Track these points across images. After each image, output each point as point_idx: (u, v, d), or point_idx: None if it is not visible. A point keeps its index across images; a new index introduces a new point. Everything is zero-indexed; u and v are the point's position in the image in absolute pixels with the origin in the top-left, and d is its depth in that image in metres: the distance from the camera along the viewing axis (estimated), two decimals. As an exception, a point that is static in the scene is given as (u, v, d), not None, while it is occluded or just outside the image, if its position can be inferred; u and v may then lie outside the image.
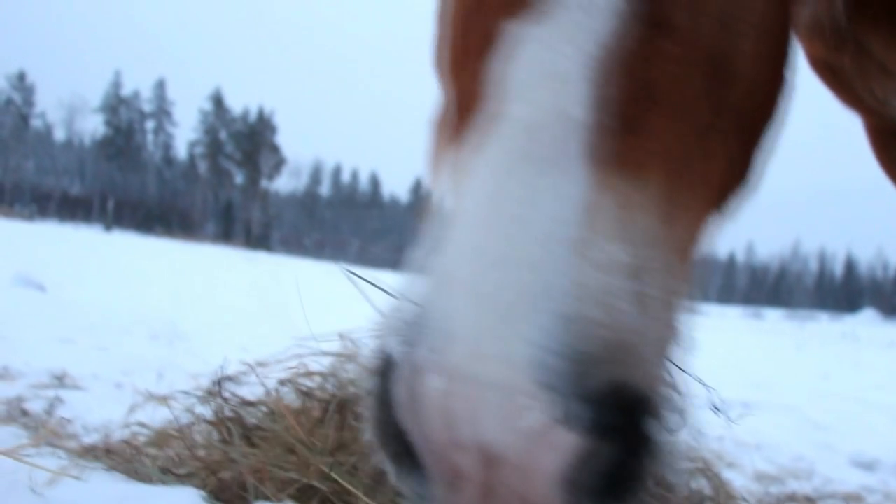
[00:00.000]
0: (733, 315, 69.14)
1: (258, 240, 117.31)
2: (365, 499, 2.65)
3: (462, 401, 0.80)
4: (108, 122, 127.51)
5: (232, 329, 9.23)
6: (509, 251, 0.84)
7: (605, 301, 0.82)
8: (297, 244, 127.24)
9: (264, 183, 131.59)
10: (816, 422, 7.90)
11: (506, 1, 1.02)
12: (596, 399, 0.79)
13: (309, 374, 3.22)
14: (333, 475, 2.64)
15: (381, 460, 0.95)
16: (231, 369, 3.42)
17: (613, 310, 0.83)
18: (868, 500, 4.75)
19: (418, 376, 0.83)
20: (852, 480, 5.37)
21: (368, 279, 3.49)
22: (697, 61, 1.02)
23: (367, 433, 0.95)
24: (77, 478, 2.37)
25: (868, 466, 5.93)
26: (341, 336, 3.60)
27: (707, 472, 3.19)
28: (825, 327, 55.20)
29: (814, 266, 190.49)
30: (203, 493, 2.04)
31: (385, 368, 0.89)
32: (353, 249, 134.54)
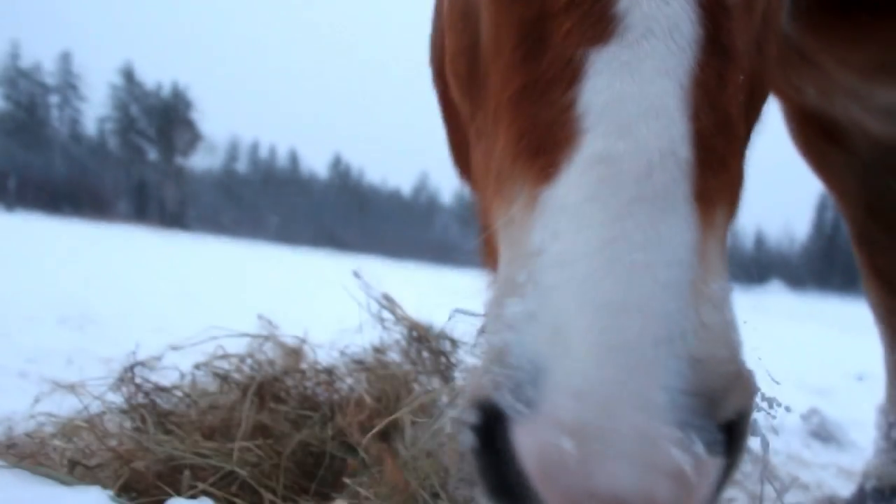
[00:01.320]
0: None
1: (174, 219, 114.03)
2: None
3: (602, 455, 0.79)
4: (6, 96, 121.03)
5: (147, 312, 8.93)
6: (632, 298, 0.82)
7: (723, 337, 0.85)
8: (214, 223, 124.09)
9: (179, 160, 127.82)
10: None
11: (586, 27, 0.99)
12: (725, 428, 0.84)
13: (225, 357, 3.13)
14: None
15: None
16: (144, 353, 3.29)
17: (730, 344, 0.86)
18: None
19: (549, 433, 0.81)
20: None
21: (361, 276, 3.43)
22: (747, 85, 1.04)
23: (475, 484, 0.95)
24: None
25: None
26: (259, 316, 3.52)
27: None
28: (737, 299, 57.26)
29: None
30: (110, 493, 1.95)
31: (493, 420, 0.87)
32: (272, 227, 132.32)
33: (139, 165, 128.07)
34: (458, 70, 1.34)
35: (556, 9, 1.02)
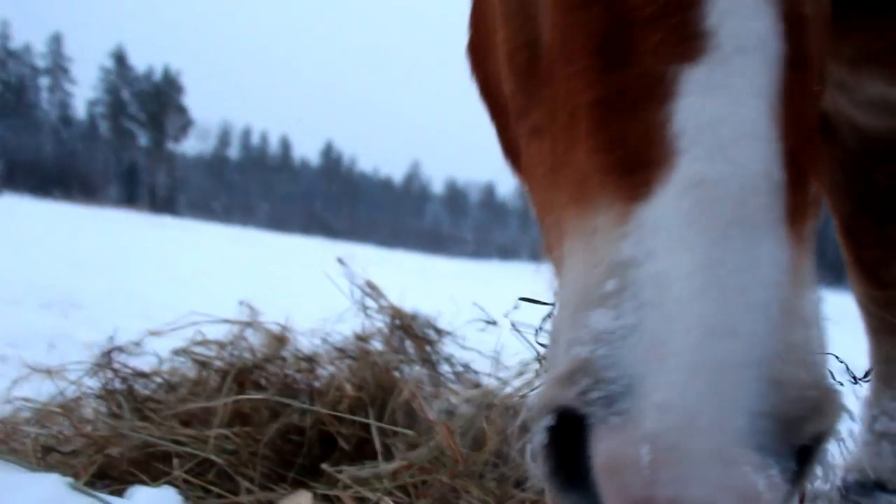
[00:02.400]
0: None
1: (164, 204, 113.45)
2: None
3: (673, 472, 0.82)
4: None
5: (133, 297, 8.88)
6: (725, 321, 0.84)
7: (808, 361, 0.87)
8: (205, 208, 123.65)
9: (170, 145, 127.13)
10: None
11: (675, 42, 0.98)
12: (801, 452, 0.87)
13: (205, 343, 3.09)
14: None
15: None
16: (127, 339, 3.25)
17: (815, 368, 0.87)
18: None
19: (628, 440, 0.84)
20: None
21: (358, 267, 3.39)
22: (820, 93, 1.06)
23: (544, 481, 0.99)
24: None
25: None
26: (241, 303, 3.48)
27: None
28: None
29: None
30: (70, 480, 1.91)
31: (570, 424, 0.90)
32: (263, 214, 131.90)
33: (130, 150, 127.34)
34: (516, 66, 1.33)
35: (641, 19, 1.01)
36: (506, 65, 1.38)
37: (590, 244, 0.99)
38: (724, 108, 0.94)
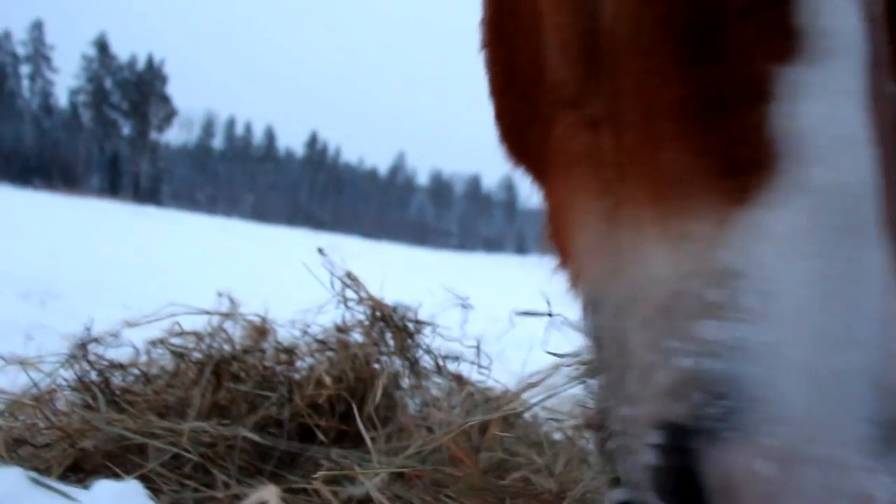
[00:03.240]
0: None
1: (147, 194, 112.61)
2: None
3: (796, 485, 0.82)
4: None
5: (113, 288, 8.80)
6: (842, 331, 0.84)
7: None
8: (188, 199, 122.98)
9: (154, 135, 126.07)
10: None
11: (772, 39, 0.95)
12: None
13: (182, 334, 3.05)
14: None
15: None
16: (102, 329, 3.21)
17: None
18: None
19: (746, 456, 0.83)
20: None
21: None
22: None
23: (649, 492, 0.95)
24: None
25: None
26: (220, 294, 3.44)
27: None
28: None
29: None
30: (31, 474, 1.87)
31: (680, 440, 0.88)
32: (247, 205, 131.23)
33: (112, 139, 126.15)
34: (571, 53, 1.26)
35: (733, 12, 0.98)
36: (557, 51, 1.31)
37: (679, 249, 0.96)
38: (829, 110, 0.93)
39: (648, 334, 0.98)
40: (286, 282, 9.45)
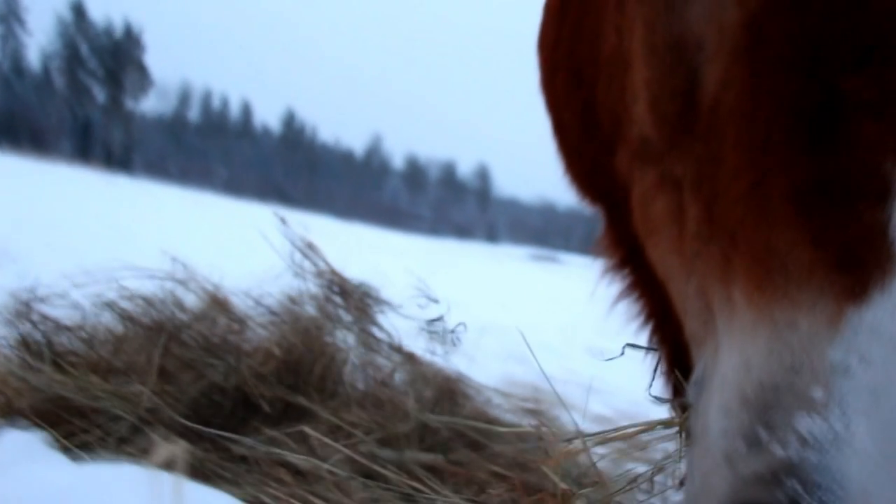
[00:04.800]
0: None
1: (119, 163, 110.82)
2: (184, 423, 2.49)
3: None
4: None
5: (72, 253, 8.61)
6: None
7: None
8: (161, 170, 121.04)
9: (129, 103, 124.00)
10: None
11: (892, 133, 0.94)
12: None
13: (132, 298, 2.99)
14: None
15: None
16: (50, 290, 3.13)
17: None
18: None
19: None
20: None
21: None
22: None
23: None
24: None
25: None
26: (174, 259, 3.37)
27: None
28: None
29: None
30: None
31: None
32: (220, 179, 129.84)
33: (85, 105, 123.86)
34: (660, 112, 1.23)
35: (857, 104, 0.97)
36: (645, 106, 1.27)
37: (781, 339, 0.94)
38: None
39: (732, 422, 0.96)
40: (245, 252, 9.33)
